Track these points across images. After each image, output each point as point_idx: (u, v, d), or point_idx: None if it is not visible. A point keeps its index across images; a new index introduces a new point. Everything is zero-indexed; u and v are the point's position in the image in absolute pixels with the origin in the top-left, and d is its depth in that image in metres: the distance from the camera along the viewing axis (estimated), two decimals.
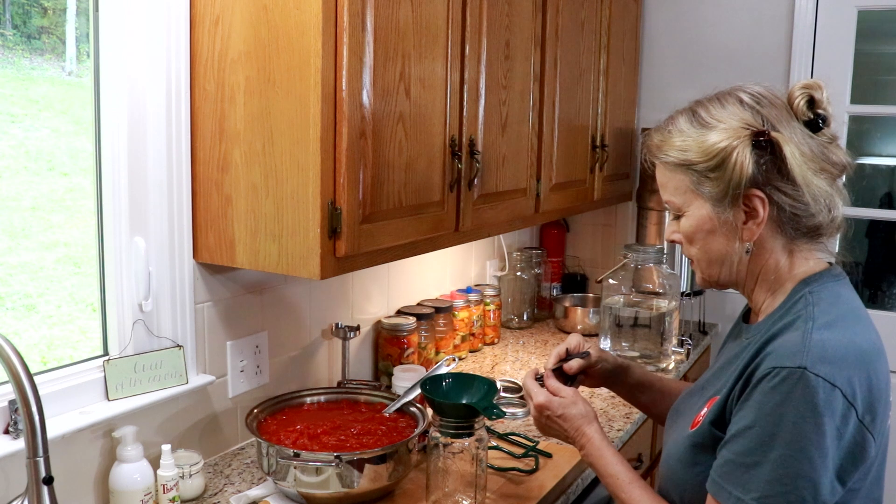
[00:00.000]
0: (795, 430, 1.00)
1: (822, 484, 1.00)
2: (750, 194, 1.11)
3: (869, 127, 2.99)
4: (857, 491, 1.07)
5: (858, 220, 2.94)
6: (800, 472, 0.99)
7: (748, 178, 1.09)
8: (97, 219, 1.57)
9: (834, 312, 1.09)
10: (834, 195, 1.13)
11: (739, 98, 1.14)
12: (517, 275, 2.86)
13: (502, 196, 1.99)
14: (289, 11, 1.39)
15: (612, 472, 1.25)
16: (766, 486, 1.01)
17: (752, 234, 1.13)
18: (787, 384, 1.01)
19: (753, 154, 1.09)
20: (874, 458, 1.07)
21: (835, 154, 1.13)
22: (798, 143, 1.10)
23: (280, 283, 1.85)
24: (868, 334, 1.09)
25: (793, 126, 1.12)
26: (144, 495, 1.44)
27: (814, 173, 1.10)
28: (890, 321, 2.67)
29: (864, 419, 1.02)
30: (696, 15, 2.87)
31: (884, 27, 2.80)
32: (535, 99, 2.11)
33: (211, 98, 1.52)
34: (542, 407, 1.35)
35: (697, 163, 1.13)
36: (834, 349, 1.02)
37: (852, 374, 1.01)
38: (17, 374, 1.10)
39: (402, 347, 2.14)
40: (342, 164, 1.42)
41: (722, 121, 1.13)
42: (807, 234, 1.14)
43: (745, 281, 1.19)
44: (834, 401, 1.00)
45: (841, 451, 1.01)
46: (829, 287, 1.13)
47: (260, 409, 1.63)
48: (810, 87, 1.13)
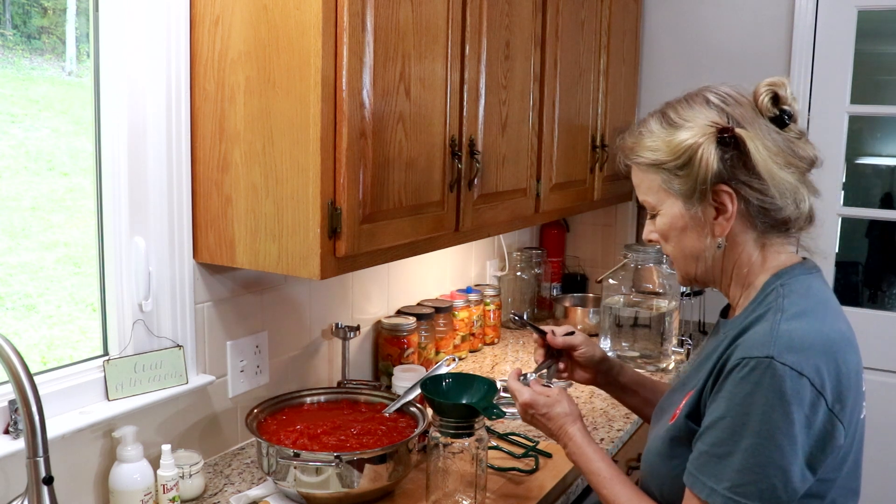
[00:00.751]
0: (764, 418, 1.02)
1: (791, 472, 1.01)
2: (718, 190, 1.14)
3: (869, 127, 2.99)
4: (833, 481, 1.09)
5: (858, 220, 2.95)
6: (769, 461, 1.01)
7: (713, 173, 1.12)
8: (97, 219, 1.57)
9: (803, 303, 1.11)
10: (800, 188, 1.15)
11: (706, 98, 1.17)
12: (517, 275, 2.86)
13: (502, 196, 1.99)
14: (289, 11, 1.39)
15: (593, 469, 1.28)
16: (738, 475, 1.03)
17: (722, 229, 1.16)
18: (755, 374, 1.03)
19: (718, 150, 1.12)
20: (848, 448, 1.08)
21: (802, 149, 1.16)
22: (763, 139, 1.13)
23: (280, 283, 1.85)
24: (837, 325, 1.10)
25: (759, 123, 1.14)
26: (144, 495, 1.44)
27: (780, 167, 1.13)
28: (890, 321, 2.67)
29: (834, 408, 1.04)
30: (696, 15, 2.87)
31: (884, 27, 2.80)
32: (535, 99, 2.11)
33: (211, 98, 1.52)
34: (528, 405, 1.39)
35: (667, 161, 1.16)
36: (801, 338, 1.04)
37: (820, 363, 1.03)
38: (17, 374, 1.10)
39: (402, 347, 2.14)
40: (342, 164, 1.42)
41: (689, 120, 1.15)
42: (776, 227, 1.17)
43: (720, 277, 1.22)
44: (802, 389, 1.01)
45: (811, 438, 1.03)
46: (800, 279, 1.15)
47: (260, 409, 1.63)
48: (774, 85, 1.15)
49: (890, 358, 2.66)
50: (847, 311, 2.85)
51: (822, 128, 2.68)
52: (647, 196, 1.23)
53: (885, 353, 2.66)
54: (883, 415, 2.68)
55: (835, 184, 2.69)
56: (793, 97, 1.15)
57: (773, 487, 1.01)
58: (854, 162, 2.92)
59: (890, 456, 2.68)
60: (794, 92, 1.17)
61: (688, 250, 1.20)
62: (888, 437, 2.68)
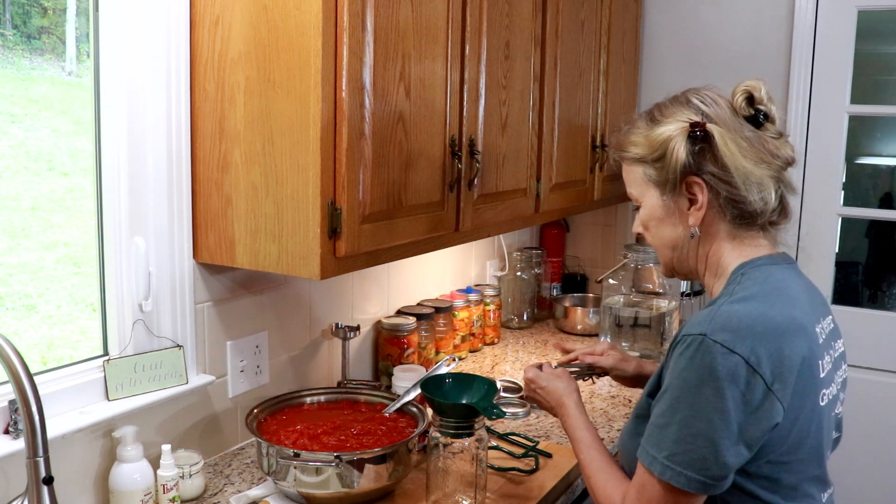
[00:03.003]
0: (697, 393, 1.08)
1: (721, 444, 1.07)
2: (690, 181, 1.21)
3: (869, 127, 2.99)
4: (787, 465, 1.14)
5: (858, 220, 2.95)
6: (700, 433, 1.07)
7: (682, 164, 1.20)
8: (97, 219, 1.57)
9: (755, 289, 1.16)
10: (767, 183, 1.20)
11: (688, 98, 1.24)
12: (517, 275, 2.86)
13: (502, 196, 1.99)
14: (289, 11, 1.39)
15: (577, 437, 1.35)
16: (674, 444, 1.10)
17: (695, 219, 1.23)
18: (689, 350, 1.10)
19: (688, 143, 1.20)
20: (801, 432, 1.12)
21: (777, 148, 1.22)
22: (735, 136, 1.19)
23: (280, 283, 1.85)
24: (789, 310, 1.14)
25: (735, 121, 1.21)
26: (144, 495, 1.44)
27: (753, 164, 1.19)
28: (890, 321, 2.67)
29: (774, 387, 1.08)
30: (696, 15, 2.87)
31: (884, 27, 2.80)
32: (535, 99, 2.11)
33: (211, 98, 1.52)
34: (529, 380, 1.52)
35: (647, 155, 1.25)
36: (738, 319, 1.09)
37: (757, 344, 1.07)
38: (17, 374, 1.10)
39: (402, 347, 2.14)
40: (342, 164, 1.42)
41: (668, 117, 1.24)
42: (746, 219, 1.22)
43: (696, 266, 1.29)
44: (734, 366, 1.06)
45: (746, 415, 1.07)
46: (762, 269, 1.21)
47: (260, 409, 1.63)
48: (750, 86, 1.22)
49: (890, 358, 2.66)
50: (847, 310, 2.87)
51: (822, 128, 2.68)
52: (632, 188, 1.31)
53: (886, 353, 2.66)
54: (883, 415, 2.68)
55: (835, 184, 2.69)
56: (769, 98, 1.22)
57: (705, 458, 1.07)
58: (854, 162, 2.91)
59: (890, 456, 2.68)
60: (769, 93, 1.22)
61: (665, 239, 1.28)
62: (888, 436, 2.68)
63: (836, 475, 2.88)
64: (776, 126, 1.23)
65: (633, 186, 1.30)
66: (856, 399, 2.71)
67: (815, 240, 2.72)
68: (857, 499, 2.73)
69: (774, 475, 1.13)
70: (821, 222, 2.71)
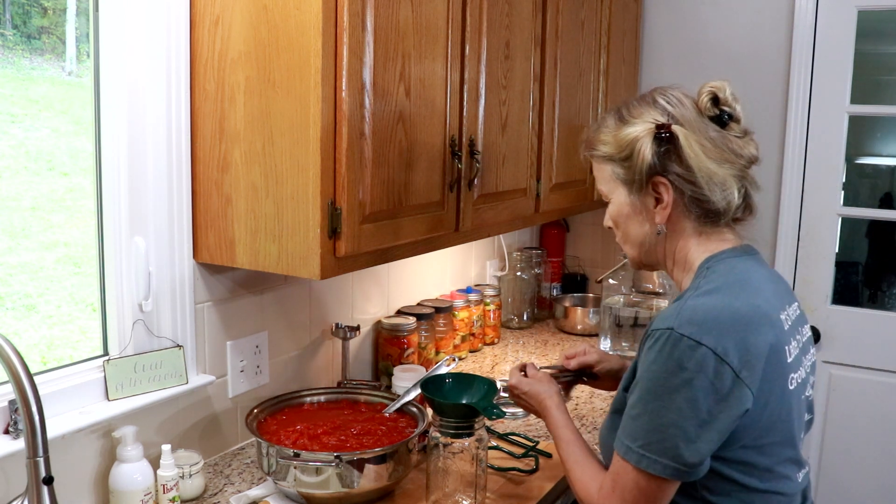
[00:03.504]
0: (666, 384, 1.12)
1: (693, 432, 1.10)
2: (655, 181, 1.24)
3: (869, 127, 2.99)
4: (760, 448, 1.17)
5: (858, 220, 2.95)
6: (670, 422, 1.11)
7: (648, 164, 1.23)
8: (97, 219, 1.57)
9: (719, 281, 1.20)
10: (731, 182, 1.23)
11: (654, 98, 1.27)
12: (517, 275, 2.86)
13: (502, 196, 1.99)
14: (289, 11, 1.39)
15: (558, 435, 1.38)
16: (647, 434, 1.13)
17: (661, 217, 1.26)
18: (658, 343, 1.14)
19: (654, 145, 1.23)
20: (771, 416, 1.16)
21: (741, 147, 1.25)
22: (699, 137, 1.23)
23: (280, 283, 1.85)
24: (753, 300, 1.17)
25: (700, 121, 1.24)
26: (144, 495, 1.44)
27: (716, 164, 1.22)
28: (890, 321, 2.67)
29: (741, 374, 1.11)
30: (696, 15, 2.87)
31: (884, 27, 2.80)
32: (535, 99, 2.11)
33: (211, 98, 1.52)
34: (512, 387, 1.52)
35: (615, 154, 1.29)
36: (705, 312, 1.13)
37: (723, 335, 1.11)
38: (17, 374, 1.10)
39: (402, 347, 2.14)
40: (342, 164, 1.42)
41: (636, 118, 1.27)
42: (711, 218, 1.26)
43: (663, 260, 1.32)
44: (703, 358, 1.10)
45: (716, 404, 1.10)
46: (726, 261, 1.24)
47: (260, 409, 1.63)
48: (714, 87, 1.25)
49: (890, 358, 2.66)
50: (847, 310, 2.86)
51: (822, 128, 2.68)
52: (601, 185, 1.34)
53: (886, 353, 2.66)
54: (883, 415, 2.68)
55: (835, 184, 2.69)
56: (734, 98, 1.26)
57: (677, 446, 1.11)
58: (854, 162, 2.91)
59: (891, 455, 2.68)
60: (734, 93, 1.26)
61: (632, 236, 1.32)
62: (889, 436, 2.68)
63: (837, 474, 2.90)
64: (741, 125, 1.27)
65: (603, 183, 1.34)
66: (856, 399, 2.72)
67: (815, 240, 2.72)
68: (858, 498, 2.73)
69: (750, 459, 1.17)
70: (821, 222, 2.71)
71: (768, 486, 1.19)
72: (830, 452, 2.77)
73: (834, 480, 2.76)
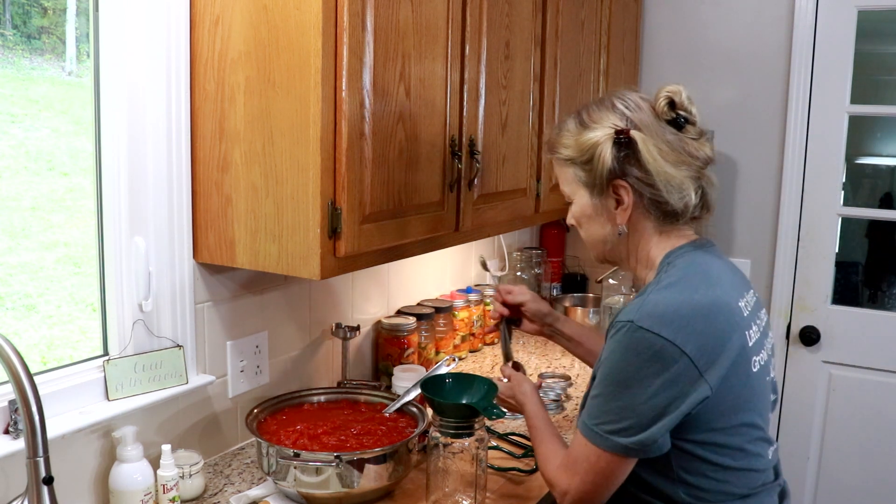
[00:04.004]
0: (624, 372, 1.19)
1: (645, 416, 1.18)
2: (616, 184, 1.30)
3: (869, 127, 2.98)
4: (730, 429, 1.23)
5: (858, 220, 2.95)
6: (626, 405, 1.19)
7: (609, 169, 1.29)
8: (97, 219, 1.57)
9: (679, 275, 1.26)
10: (688, 184, 1.29)
11: (613, 103, 1.32)
12: (517, 275, 2.86)
13: (502, 196, 1.99)
14: (289, 11, 1.39)
15: (531, 424, 1.44)
16: (604, 414, 1.21)
17: (622, 218, 1.32)
18: (619, 334, 1.21)
19: (614, 149, 1.28)
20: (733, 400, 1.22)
21: (697, 149, 1.30)
22: (657, 140, 1.28)
23: (280, 283, 1.85)
24: (712, 291, 1.23)
25: (657, 125, 1.29)
26: (144, 495, 1.44)
27: (673, 165, 1.27)
28: (890, 321, 2.67)
29: (699, 364, 1.17)
30: (696, 15, 2.87)
31: (884, 27, 2.80)
32: (535, 99, 2.11)
33: (211, 98, 1.52)
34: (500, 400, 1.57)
35: (576, 157, 1.34)
36: (665, 306, 1.19)
37: (682, 326, 1.17)
38: (17, 374, 1.10)
39: (402, 347, 2.14)
40: (342, 164, 1.42)
41: (596, 122, 1.32)
42: (669, 217, 1.31)
43: (626, 258, 1.38)
44: (661, 349, 1.16)
45: (671, 390, 1.17)
46: (686, 256, 1.30)
47: (260, 409, 1.63)
48: (671, 91, 1.30)
49: (890, 358, 2.65)
50: (847, 310, 2.86)
51: (822, 128, 2.68)
52: (564, 186, 1.40)
53: (886, 353, 2.66)
54: (883, 415, 2.68)
55: (835, 184, 2.69)
56: (689, 102, 1.30)
57: (631, 427, 1.19)
58: (854, 162, 2.91)
59: (891, 455, 2.68)
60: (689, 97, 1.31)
61: (595, 235, 1.39)
62: (889, 436, 2.68)
63: (837, 474, 2.89)
64: (696, 127, 1.31)
65: (565, 185, 1.39)
66: (856, 399, 2.71)
67: (815, 240, 2.72)
68: (858, 498, 2.73)
69: (721, 441, 1.23)
70: (821, 222, 2.71)
71: (742, 463, 1.26)
72: (830, 452, 2.77)
73: (834, 480, 2.76)
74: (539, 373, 2.31)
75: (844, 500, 2.76)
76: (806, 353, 2.78)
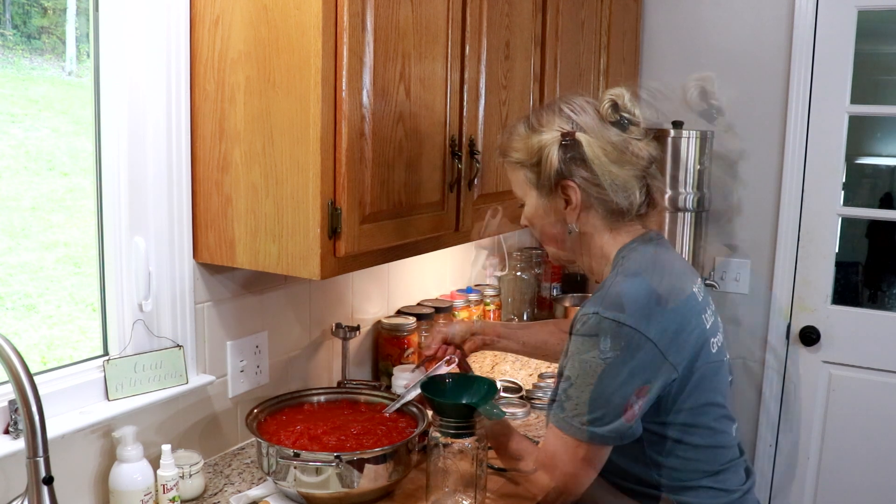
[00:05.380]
0: (592, 363, 1.24)
1: (616, 402, 1.23)
2: (564, 185, 1.36)
3: (869, 127, 2.99)
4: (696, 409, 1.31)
5: (858, 220, 2.95)
6: (597, 395, 1.24)
7: (556, 170, 1.35)
8: (97, 219, 1.57)
9: (635, 267, 1.32)
10: (633, 183, 1.35)
11: (559, 107, 1.38)
12: (517, 275, 2.86)
13: (502, 196, 1.99)
14: (289, 11, 1.39)
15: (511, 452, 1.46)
16: (576, 406, 1.26)
17: (572, 218, 1.38)
18: (584, 327, 1.27)
19: (560, 151, 1.34)
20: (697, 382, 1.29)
21: (641, 149, 1.36)
22: (602, 142, 1.34)
23: (280, 283, 1.85)
24: (668, 279, 1.31)
25: (601, 127, 1.35)
26: (144, 495, 1.44)
27: (618, 165, 1.34)
28: (890, 321, 2.67)
29: (662, 348, 1.24)
30: (696, 15, 2.87)
31: (884, 27, 2.80)
32: (535, 99, 2.11)
33: (211, 98, 1.52)
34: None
35: (526, 160, 1.40)
36: (626, 295, 1.26)
37: (644, 314, 1.24)
38: (17, 374, 1.10)
39: (402, 347, 2.14)
40: (342, 164, 1.42)
41: (544, 126, 1.38)
42: (617, 215, 1.37)
43: (580, 256, 1.44)
44: (627, 337, 1.22)
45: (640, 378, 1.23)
46: (638, 249, 1.37)
47: (260, 409, 1.63)
48: (614, 95, 1.36)
49: (890, 358, 2.66)
50: (847, 310, 2.86)
51: (822, 128, 2.68)
52: (516, 189, 1.45)
53: (886, 353, 2.66)
54: (883, 415, 2.68)
55: (835, 184, 2.69)
56: (632, 104, 1.36)
57: (604, 416, 1.24)
58: (854, 162, 2.92)
59: (891, 455, 2.68)
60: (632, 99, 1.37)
61: (548, 235, 1.44)
62: (889, 437, 2.68)
63: (837, 474, 2.89)
64: (640, 128, 1.37)
65: (517, 187, 1.44)
66: (856, 399, 2.72)
67: (815, 240, 2.72)
68: (858, 498, 2.73)
69: (689, 420, 1.30)
70: (821, 222, 2.71)
71: (709, 441, 1.33)
72: (830, 452, 2.77)
73: (834, 480, 2.76)
74: (539, 373, 2.31)
75: (844, 500, 2.76)
76: (806, 353, 2.78)
